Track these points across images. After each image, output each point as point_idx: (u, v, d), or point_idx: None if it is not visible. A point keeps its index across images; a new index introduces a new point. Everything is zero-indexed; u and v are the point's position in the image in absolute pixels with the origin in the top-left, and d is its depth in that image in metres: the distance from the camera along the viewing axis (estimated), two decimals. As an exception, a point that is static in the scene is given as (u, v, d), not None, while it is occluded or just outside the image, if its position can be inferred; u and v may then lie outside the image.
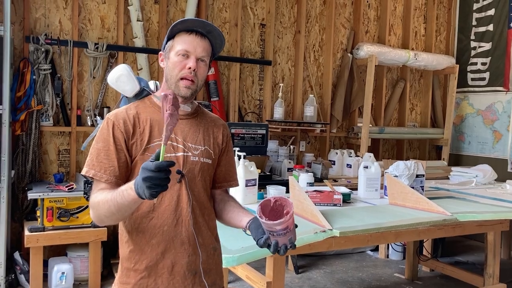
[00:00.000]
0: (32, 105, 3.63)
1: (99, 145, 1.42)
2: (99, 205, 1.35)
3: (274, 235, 1.31)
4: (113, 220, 1.38)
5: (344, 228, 2.26)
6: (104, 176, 1.38)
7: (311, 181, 3.20)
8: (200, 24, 1.47)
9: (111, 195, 1.31)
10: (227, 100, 4.57)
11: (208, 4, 4.46)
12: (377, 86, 5.36)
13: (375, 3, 5.41)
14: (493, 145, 5.33)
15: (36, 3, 3.77)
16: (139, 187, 1.20)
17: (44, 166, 3.85)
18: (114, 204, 1.30)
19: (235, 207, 1.56)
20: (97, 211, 1.37)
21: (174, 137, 1.47)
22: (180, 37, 1.46)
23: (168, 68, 1.47)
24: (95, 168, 1.39)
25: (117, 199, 1.29)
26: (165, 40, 1.51)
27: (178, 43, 1.45)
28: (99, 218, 1.38)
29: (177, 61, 1.45)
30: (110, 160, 1.40)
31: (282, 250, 1.32)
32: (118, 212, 1.32)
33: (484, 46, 5.44)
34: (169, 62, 1.47)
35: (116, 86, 1.54)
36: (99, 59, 3.93)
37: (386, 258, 4.74)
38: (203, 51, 1.46)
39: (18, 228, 3.70)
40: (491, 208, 2.91)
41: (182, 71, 1.44)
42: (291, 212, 1.31)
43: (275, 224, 1.28)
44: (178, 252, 1.44)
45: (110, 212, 1.33)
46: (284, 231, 1.30)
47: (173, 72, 1.45)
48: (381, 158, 5.15)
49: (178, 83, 1.45)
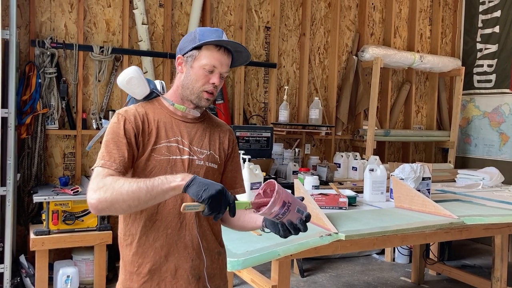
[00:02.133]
0: (37, 108, 3.64)
1: (108, 138, 1.40)
2: (121, 187, 1.24)
3: (281, 217, 1.27)
4: (129, 207, 1.27)
5: (350, 232, 2.24)
6: (114, 164, 1.34)
7: (317, 184, 3.19)
8: (233, 45, 1.48)
9: (142, 180, 1.25)
10: (232, 103, 4.57)
11: (213, 7, 4.46)
12: (382, 89, 5.33)
13: (380, 6, 5.40)
14: (499, 147, 5.29)
15: (41, 7, 3.79)
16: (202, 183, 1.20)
17: (50, 169, 3.86)
18: (147, 186, 1.23)
19: (246, 212, 1.52)
20: (114, 194, 1.24)
21: (181, 140, 1.46)
22: (209, 50, 1.45)
23: (190, 78, 1.46)
24: (104, 158, 1.36)
25: (154, 182, 1.23)
26: (189, 45, 1.47)
27: (207, 57, 1.44)
28: (113, 202, 1.25)
29: (202, 75, 1.45)
30: (120, 150, 1.37)
31: (301, 225, 1.30)
32: (145, 197, 1.24)
33: (490, 48, 5.41)
34: (191, 72, 1.46)
35: (127, 89, 1.53)
36: (104, 63, 3.94)
37: (392, 261, 4.71)
38: (227, 68, 1.48)
39: (23, 231, 3.71)
40: (499, 211, 2.89)
41: (206, 85, 1.45)
42: (276, 188, 1.26)
43: (269, 207, 1.24)
44: (182, 256, 1.43)
45: (135, 196, 1.23)
46: (285, 208, 1.26)
47: (196, 84, 1.46)
48: (386, 161, 5.12)
49: (200, 94, 1.46)
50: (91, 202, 1.27)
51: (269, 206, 1.24)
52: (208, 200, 1.18)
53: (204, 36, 1.44)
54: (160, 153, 1.42)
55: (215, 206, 1.20)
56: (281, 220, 1.29)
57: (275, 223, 1.34)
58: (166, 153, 1.43)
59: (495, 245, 3.38)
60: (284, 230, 1.31)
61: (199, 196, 1.19)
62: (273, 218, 1.29)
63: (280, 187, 1.27)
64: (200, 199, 1.19)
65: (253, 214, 1.47)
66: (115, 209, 1.27)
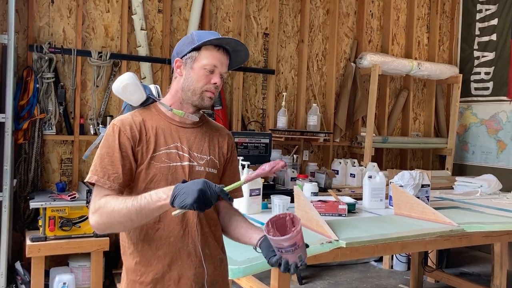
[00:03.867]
0: (35, 113, 3.62)
1: (103, 151, 1.38)
2: (113, 210, 1.28)
3: (283, 252, 1.28)
4: (126, 227, 1.34)
5: (350, 239, 2.22)
6: (108, 182, 1.34)
7: (316, 191, 3.17)
8: (234, 43, 1.47)
9: (130, 200, 1.26)
10: (230, 109, 4.56)
11: (211, 14, 4.47)
12: (380, 96, 5.34)
13: (378, 13, 5.42)
14: (497, 155, 5.30)
15: (40, 12, 3.78)
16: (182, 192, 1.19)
17: (47, 175, 3.83)
18: (135, 208, 1.25)
19: (242, 222, 1.53)
20: (108, 217, 1.29)
21: (180, 146, 1.45)
22: (208, 51, 1.44)
23: (191, 79, 1.45)
24: (98, 174, 1.35)
25: (141, 203, 1.25)
26: (187, 47, 1.46)
27: (207, 57, 1.44)
28: (109, 224, 1.30)
29: (203, 75, 1.44)
30: (114, 166, 1.36)
31: (292, 269, 1.29)
32: (137, 218, 1.27)
33: (487, 55, 5.43)
34: (192, 73, 1.45)
35: (122, 96, 1.50)
36: (102, 68, 3.93)
37: (391, 268, 4.70)
38: (226, 67, 1.49)
39: (19, 237, 3.67)
40: (498, 219, 2.88)
41: (207, 85, 1.45)
42: (298, 228, 1.27)
43: (282, 240, 1.26)
44: (185, 263, 1.41)
45: (127, 218, 1.27)
46: (292, 248, 1.27)
47: (198, 84, 1.45)
48: (384, 168, 5.12)
49: (202, 94, 1.45)
50: (92, 224, 1.34)
51: (282, 238, 1.25)
52: (193, 205, 1.18)
53: (201, 37, 1.44)
54: (160, 160, 1.40)
55: (201, 206, 1.20)
56: (282, 254, 1.29)
57: (269, 249, 1.34)
58: (166, 160, 1.41)
59: (494, 252, 3.37)
60: (276, 261, 1.30)
61: (183, 206, 1.20)
62: (275, 247, 1.30)
63: (301, 227, 1.29)
64: (186, 208, 1.20)
65: (250, 230, 1.48)
66: (114, 229, 1.33)
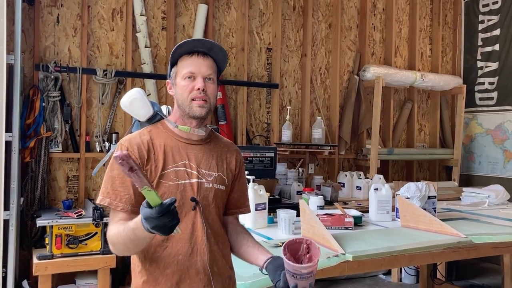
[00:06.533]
0: (41, 132, 3.65)
1: (113, 173, 1.38)
2: (116, 239, 1.33)
3: (297, 278, 1.25)
4: (132, 253, 1.38)
5: (357, 252, 2.21)
6: (120, 204, 1.35)
7: (322, 204, 3.16)
8: (199, 44, 1.46)
9: (124, 230, 1.29)
10: (235, 124, 4.58)
11: (215, 30, 4.51)
12: (384, 108, 5.35)
13: (380, 26, 5.45)
14: (504, 164, 5.26)
15: (46, 32, 3.83)
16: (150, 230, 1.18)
17: (53, 193, 3.84)
18: (128, 240, 1.28)
19: (249, 241, 1.52)
20: (114, 245, 1.36)
21: (188, 163, 1.44)
22: (183, 61, 1.46)
23: (178, 94, 1.46)
24: (110, 196, 1.36)
25: (130, 236, 1.27)
26: (169, 68, 1.51)
27: (182, 67, 1.45)
28: (119, 252, 1.37)
29: (184, 85, 1.44)
30: (125, 188, 1.36)
31: None
32: (134, 247, 1.31)
33: (491, 66, 5.44)
34: (177, 88, 1.46)
35: (130, 110, 1.52)
36: (107, 86, 3.96)
37: (399, 282, 4.65)
38: (208, 69, 1.45)
39: (26, 256, 3.67)
40: (506, 230, 2.85)
41: (191, 93, 1.44)
42: (318, 258, 1.26)
43: (303, 267, 1.23)
44: (194, 282, 1.40)
45: (126, 247, 1.32)
46: (309, 275, 1.25)
47: (183, 96, 1.44)
48: (391, 180, 5.10)
49: (190, 104, 1.44)
50: (110, 248, 1.40)
51: (304, 266, 1.23)
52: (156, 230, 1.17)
53: (177, 48, 1.46)
54: (168, 178, 1.40)
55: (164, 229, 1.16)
56: (294, 280, 1.26)
57: (276, 272, 1.33)
58: (174, 178, 1.40)
59: (504, 264, 3.33)
60: (284, 283, 1.28)
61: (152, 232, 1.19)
62: (288, 272, 1.25)
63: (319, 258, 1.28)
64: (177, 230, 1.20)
65: (256, 250, 1.48)
66: (127, 253, 1.38)
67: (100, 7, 4.02)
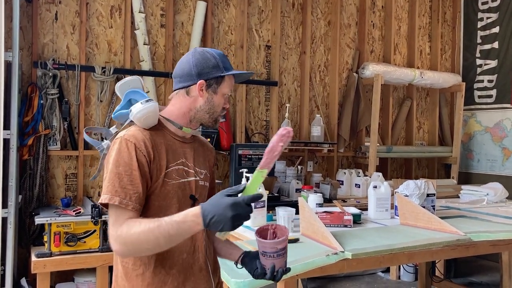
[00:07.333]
0: (39, 129, 3.64)
1: (120, 169, 1.30)
2: (139, 238, 1.22)
3: (274, 256, 1.32)
4: (153, 252, 1.30)
5: (356, 250, 2.21)
6: (130, 203, 1.28)
7: (320, 202, 3.15)
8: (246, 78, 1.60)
9: (159, 226, 1.21)
10: (233, 121, 4.57)
11: (214, 27, 4.50)
12: (383, 105, 5.34)
13: (379, 23, 5.44)
14: (502, 162, 5.27)
15: (44, 29, 3.82)
16: (216, 221, 1.17)
17: (51, 191, 3.84)
18: (165, 235, 1.21)
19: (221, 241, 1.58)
20: (134, 245, 1.24)
21: (185, 162, 1.46)
22: (230, 79, 1.49)
23: (213, 104, 1.47)
24: (119, 194, 1.27)
25: (170, 231, 1.21)
26: (212, 72, 1.44)
27: (228, 85, 1.49)
28: (135, 252, 1.27)
29: (222, 102, 1.49)
30: (134, 185, 1.30)
31: (280, 274, 1.34)
32: (166, 244, 1.24)
33: (490, 63, 5.43)
34: (215, 98, 1.47)
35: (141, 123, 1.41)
36: (106, 83, 3.95)
37: (398, 279, 4.65)
38: None
39: (24, 253, 3.67)
40: (505, 227, 2.85)
41: (222, 110, 1.51)
42: (287, 233, 1.35)
43: (278, 242, 1.31)
44: (198, 279, 1.43)
45: (156, 244, 1.23)
46: (283, 252, 1.33)
47: (218, 109, 1.49)
48: (389, 178, 5.10)
49: (218, 118, 1.51)
50: (116, 250, 1.27)
51: (278, 241, 1.32)
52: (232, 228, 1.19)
53: (225, 63, 1.47)
54: (171, 177, 1.39)
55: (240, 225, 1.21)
56: (271, 260, 1.33)
57: (253, 261, 1.41)
58: (176, 176, 1.41)
59: (503, 261, 3.34)
60: (261, 269, 1.35)
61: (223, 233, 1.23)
62: (268, 254, 1.33)
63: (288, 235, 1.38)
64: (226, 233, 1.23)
65: (228, 246, 1.57)
66: (139, 255, 1.33)
67: (98, 4, 4.01)
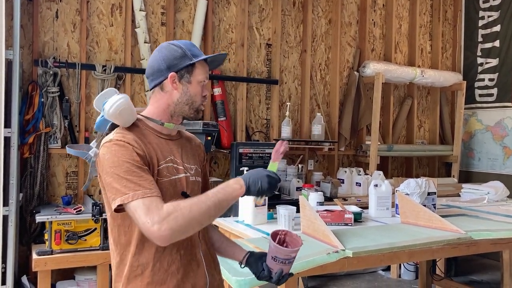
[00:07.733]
0: (40, 127, 3.64)
1: (124, 167, 1.27)
2: (191, 210, 1.23)
3: (285, 263, 1.41)
4: (201, 226, 1.32)
5: (357, 248, 2.21)
6: (155, 191, 1.26)
7: (321, 200, 3.15)
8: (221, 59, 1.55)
9: (205, 196, 1.30)
10: (234, 120, 4.57)
11: (214, 25, 4.50)
12: (384, 104, 5.34)
13: (380, 22, 5.44)
14: (503, 161, 5.27)
15: (44, 27, 3.82)
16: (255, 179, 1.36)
17: (52, 189, 3.84)
18: (215, 202, 1.29)
19: (221, 237, 1.64)
20: (186, 219, 1.22)
21: (174, 159, 1.45)
22: (202, 66, 1.47)
23: (189, 94, 1.45)
24: (142, 187, 1.24)
25: (219, 196, 1.31)
26: (181, 62, 1.42)
27: (201, 72, 1.46)
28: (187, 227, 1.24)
29: (199, 90, 1.46)
30: (145, 176, 1.28)
31: (285, 279, 1.45)
32: (216, 213, 1.31)
33: (491, 62, 5.43)
34: (190, 88, 1.44)
35: (118, 120, 1.39)
36: (106, 81, 3.95)
37: (398, 278, 4.65)
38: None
39: (25, 251, 3.67)
40: (506, 226, 2.85)
41: (201, 99, 1.49)
42: (301, 243, 1.43)
43: (293, 251, 1.39)
44: (196, 274, 1.42)
45: (207, 215, 1.28)
46: (293, 259, 1.42)
47: (196, 98, 1.46)
48: (390, 176, 5.10)
49: (199, 107, 1.50)
50: (163, 234, 1.21)
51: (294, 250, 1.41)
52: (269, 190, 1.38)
53: (193, 51, 1.45)
54: (162, 175, 1.39)
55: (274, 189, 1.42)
56: (281, 266, 1.42)
57: (258, 262, 1.49)
58: (167, 174, 1.40)
59: (503, 260, 3.34)
60: (268, 272, 1.44)
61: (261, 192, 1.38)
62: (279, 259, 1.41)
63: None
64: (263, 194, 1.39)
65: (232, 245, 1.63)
66: (187, 233, 1.29)
67: (99, 2, 4.01)
